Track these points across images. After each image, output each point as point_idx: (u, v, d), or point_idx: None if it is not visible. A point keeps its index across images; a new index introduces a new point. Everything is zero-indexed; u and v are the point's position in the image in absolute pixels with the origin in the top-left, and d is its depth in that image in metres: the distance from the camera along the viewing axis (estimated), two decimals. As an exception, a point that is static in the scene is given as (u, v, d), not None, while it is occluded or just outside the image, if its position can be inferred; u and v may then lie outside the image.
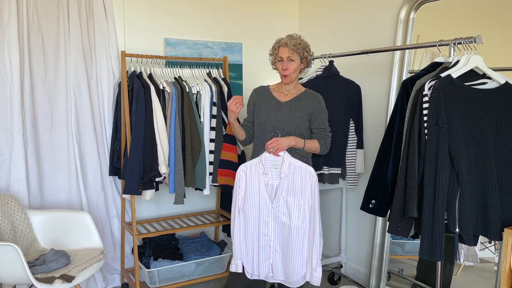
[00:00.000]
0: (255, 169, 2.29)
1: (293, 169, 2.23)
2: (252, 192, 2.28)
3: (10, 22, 2.55)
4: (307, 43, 2.38)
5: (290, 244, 2.23)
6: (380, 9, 2.99)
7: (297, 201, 2.22)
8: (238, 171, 2.33)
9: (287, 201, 2.22)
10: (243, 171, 2.31)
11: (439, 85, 1.80)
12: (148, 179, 2.66)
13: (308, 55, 2.38)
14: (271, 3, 3.63)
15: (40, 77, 2.72)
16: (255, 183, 2.28)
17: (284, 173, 2.22)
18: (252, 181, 2.29)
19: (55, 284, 2.11)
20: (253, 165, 2.31)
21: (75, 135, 2.82)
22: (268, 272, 2.30)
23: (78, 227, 2.55)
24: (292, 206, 2.22)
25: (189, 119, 2.81)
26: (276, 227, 2.26)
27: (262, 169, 2.27)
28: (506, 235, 1.79)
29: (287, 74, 2.34)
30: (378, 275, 2.93)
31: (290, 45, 2.30)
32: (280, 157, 2.26)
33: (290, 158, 2.25)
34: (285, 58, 2.31)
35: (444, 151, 1.77)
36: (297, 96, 2.40)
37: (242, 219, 2.31)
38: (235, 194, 2.34)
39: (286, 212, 2.23)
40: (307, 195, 2.22)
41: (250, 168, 2.31)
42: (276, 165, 2.27)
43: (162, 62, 3.02)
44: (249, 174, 2.30)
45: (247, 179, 2.30)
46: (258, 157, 2.31)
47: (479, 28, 2.37)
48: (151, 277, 2.85)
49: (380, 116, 3.00)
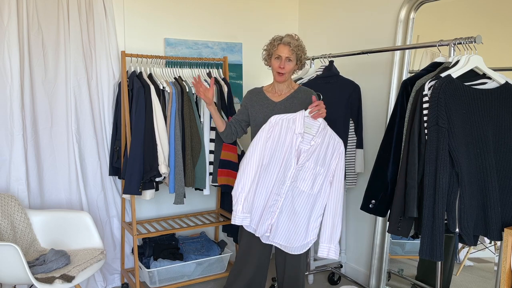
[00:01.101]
0: (289, 124, 2.18)
1: (328, 138, 2.19)
2: (280, 148, 2.18)
3: (10, 22, 2.55)
4: (304, 46, 2.37)
5: (299, 210, 2.19)
6: (380, 9, 2.99)
7: (321, 170, 2.18)
8: (270, 120, 2.20)
9: (311, 168, 2.17)
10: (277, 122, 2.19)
11: (439, 85, 1.80)
12: (148, 179, 2.66)
13: (304, 58, 2.37)
14: (271, 3, 3.63)
15: (40, 77, 2.72)
16: (286, 140, 2.17)
17: (319, 139, 2.16)
18: (281, 137, 2.18)
19: (55, 284, 2.11)
20: (285, 120, 2.19)
21: (75, 135, 2.82)
22: (266, 232, 2.24)
23: (78, 227, 2.55)
24: (315, 174, 2.18)
25: (189, 119, 2.81)
26: (289, 190, 2.19)
27: (298, 128, 2.16)
28: (506, 235, 1.79)
29: (283, 73, 2.32)
30: (378, 275, 2.93)
31: (292, 45, 2.28)
32: (318, 122, 2.18)
33: (325, 124, 2.19)
34: (283, 57, 2.29)
35: (444, 151, 1.77)
36: (290, 94, 2.39)
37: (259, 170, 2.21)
38: (258, 143, 2.22)
39: (306, 178, 2.17)
40: (333, 166, 2.19)
41: (282, 121, 2.19)
42: (310, 128, 2.18)
43: (162, 62, 3.02)
44: (280, 127, 2.19)
45: (274, 132, 2.19)
46: (294, 114, 2.20)
47: (479, 28, 2.37)
48: (151, 277, 2.85)
49: (380, 116, 3.00)
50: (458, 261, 2.50)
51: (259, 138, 2.21)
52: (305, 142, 2.18)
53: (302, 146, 2.17)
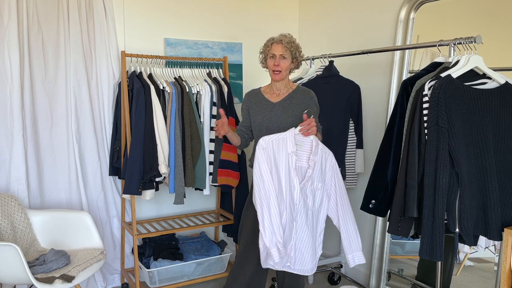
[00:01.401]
0: (279, 145, 2.10)
1: (320, 152, 2.16)
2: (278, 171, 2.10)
3: (10, 22, 2.55)
4: (299, 45, 2.36)
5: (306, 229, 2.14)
6: (380, 9, 2.99)
7: (318, 185, 2.16)
8: (260, 143, 2.09)
9: (311, 185, 2.15)
10: (267, 143, 2.09)
11: (439, 85, 1.80)
12: (148, 179, 2.66)
13: (299, 56, 2.36)
14: (271, 3, 3.63)
15: (40, 77, 2.72)
16: (282, 161, 2.10)
17: (317, 156, 2.13)
18: (276, 159, 2.10)
19: (55, 284, 2.11)
20: (275, 141, 2.10)
21: (75, 135, 2.82)
22: (286, 262, 2.16)
23: (78, 227, 2.55)
24: (313, 190, 2.16)
25: (189, 119, 2.81)
26: (300, 211, 2.12)
27: (290, 147, 2.09)
28: (506, 235, 1.79)
29: (278, 70, 2.31)
30: (378, 275, 2.93)
31: (284, 42, 2.28)
32: (309, 139, 2.14)
33: (317, 140, 2.16)
34: (277, 55, 2.30)
35: (444, 151, 1.77)
36: (289, 95, 2.39)
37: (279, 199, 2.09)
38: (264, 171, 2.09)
39: (309, 195, 2.14)
40: (328, 178, 2.19)
41: (274, 141, 2.11)
42: (301, 146, 2.12)
43: (162, 62, 3.02)
44: (272, 149, 2.10)
45: (269, 154, 2.10)
46: (282, 134, 2.13)
47: (479, 28, 2.37)
48: (151, 277, 2.85)
49: (380, 116, 3.00)
50: (458, 261, 2.50)
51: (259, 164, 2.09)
52: (300, 159, 2.13)
53: (299, 164, 2.13)
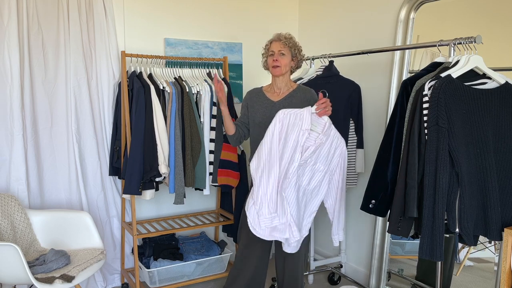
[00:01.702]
0: (296, 120, 2.12)
1: (332, 137, 2.19)
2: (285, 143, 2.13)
3: (10, 22, 2.55)
4: (298, 43, 2.41)
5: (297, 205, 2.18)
6: (380, 9, 2.99)
7: (320, 167, 2.18)
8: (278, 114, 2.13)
9: (311, 164, 2.17)
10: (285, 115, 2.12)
11: (439, 85, 1.80)
12: (148, 179, 2.66)
13: (299, 54, 2.40)
14: (271, 3, 3.63)
15: (40, 77, 2.72)
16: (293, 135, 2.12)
17: (325, 137, 2.15)
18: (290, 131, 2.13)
19: (55, 284, 2.11)
20: (292, 115, 2.13)
21: (75, 135, 2.82)
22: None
23: (78, 227, 2.55)
24: (316, 171, 2.18)
25: (189, 119, 2.81)
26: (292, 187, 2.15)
27: (305, 124, 2.11)
28: (506, 235, 1.79)
29: (277, 65, 2.34)
30: (378, 275, 2.93)
31: (282, 38, 2.35)
32: (323, 120, 2.17)
33: (330, 123, 2.18)
34: (276, 51, 2.34)
35: (444, 151, 1.77)
36: (289, 94, 2.40)
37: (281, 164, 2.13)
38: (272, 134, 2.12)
39: (306, 174, 2.17)
40: (334, 164, 2.21)
41: (290, 116, 2.13)
42: (315, 126, 2.15)
43: (162, 62, 3.02)
44: (288, 122, 2.13)
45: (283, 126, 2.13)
46: (300, 110, 2.14)
47: (479, 28, 2.37)
48: (151, 277, 2.85)
49: (380, 116, 3.00)
50: (458, 261, 2.50)
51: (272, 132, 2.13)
52: (311, 138, 2.16)
53: (307, 142, 2.15)
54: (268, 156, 2.13)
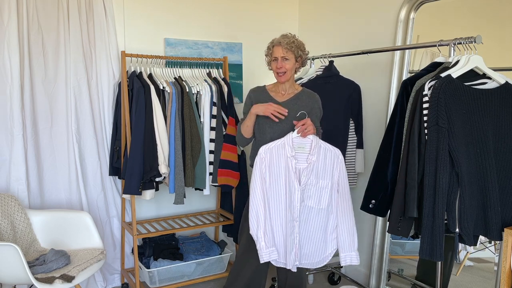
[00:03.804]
0: (281, 150, 2.19)
1: (323, 151, 2.20)
2: (277, 176, 2.19)
3: (10, 22, 2.55)
4: (301, 42, 2.35)
5: (314, 227, 2.21)
6: (380, 9, 2.99)
7: (325, 184, 2.19)
8: (260, 152, 2.20)
9: (315, 184, 2.18)
10: (266, 152, 2.19)
11: (439, 85, 1.80)
12: (148, 179, 2.66)
13: (303, 54, 2.36)
14: (271, 3, 3.63)
15: (40, 77, 2.72)
16: (281, 166, 2.18)
17: (314, 156, 2.17)
18: (276, 164, 2.19)
19: (55, 284, 2.11)
20: (277, 146, 2.19)
21: (75, 135, 2.82)
22: (295, 261, 2.24)
23: (78, 227, 2.55)
24: (320, 189, 2.19)
25: (189, 119, 2.81)
26: (301, 212, 2.19)
27: (289, 151, 2.17)
28: (506, 235, 1.79)
29: (282, 73, 2.32)
30: (378, 275, 2.93)
31: (284, 43, 2.28)
32: (308, 139, 2.19)
33: (317, 139, 2.20)
34: (279, 57, 2.30)
35: (444, 151, 1.77)
36: (295, 95, 2.39)
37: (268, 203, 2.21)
38: (256, 180, 2.21)
39: (313, 195, 2.19)
40: (336, 177, 2.21)
41: (272, 150, 2.19)
42: (303, 147, 2.19)
43: (162, 62, 3.02)
44: (271, 157, 2.19)
45: (267, 162, 2.19)
46: (282, 139, 2.21)
47: (479, 28, 2.37)
48: (151, 277, 2.85)
49: (380, 116, 3.00)
50: (458, 261, 2.50)
51: (255, 174, 2.21)
52: (301, 161, 2.19)
53: (299, 166, 2.19)
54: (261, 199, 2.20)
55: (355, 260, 2.25)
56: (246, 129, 2.39)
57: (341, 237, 2.25)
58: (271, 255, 2.22)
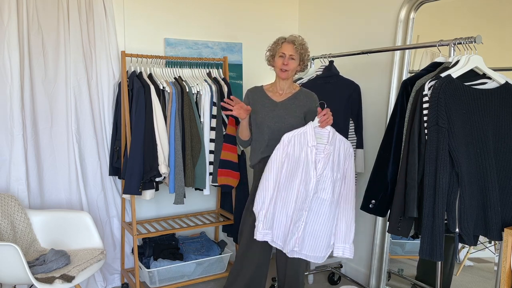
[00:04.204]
0: (300, 140, 2.17)
1: (338, 143, 2.19)
2: (295, 164, 2.17)
3: (10, 22, 2.55)
4: (308, 48, 2.40)
5: (324, 219, 2.19)
6: (380, 9, 2.99)
7: (338, 176, 2.19)
8: (284, 139, 2.18)
9: (330, 176, 2.17)
10: (290, 140, 2.17)
11: (439, 85, 1.80)
12: (148, 179, 2.66)
13: (307, 59, 2.40)
14: (271, 3, 3.63)
15: (40, 77, 2.72)
16: (301, 155, 2.16)
17: (332, 147, 2.17)
18: (296, 153, 2.17)
19: (55, 284, 2.11)
20: (296, 136, 2.18)
21: (75, 135, 2.82)
22: (294, 247, 2.22)
23: (78, 227, 2.55)
24: (334, 181, 2.18)
25: (189, 119, 2.81)
26: (312, 203, 2.17)
27: (310, 141, 2.16)
28: (506, 235, 1.79)
29: (286, 70, 2.33)
30: (378, 275, 2.93)
31: (296, 43, 2.32)
32: (326, 130, 2.18)
33: (334, 131, 2.19)
34: (287, 54, 2.32)
35: (444, 151, 1.77)
36: (292, 95, 2.40)
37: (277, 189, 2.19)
38: (273, 165, 2.20)
39: (327, 187, 2.17)
40: (345, 169, 2.21)
41: (294, 138, 2.18)
42: (320, 138, 2.17)
43: (162, 62, 3.02)
44: (294, 145, 2.18)
45: (289, 150, 2.18)
46: (303, 128, 2.19)
47: (479, 28, 2.37)
48: (151, 277, 2.85)
49: (380, 116, 3.00)
50: (458, 261, 2.50)
51: (274, 158, 2.20)
52: (319, 152, 2.18)
53: (318, 156, 2.17)
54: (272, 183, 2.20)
55: (348, 253, 2.24)
56: (241, 131, 2.45)
57: (338, 229, 2.24)
58: (265, 236, 2.23)
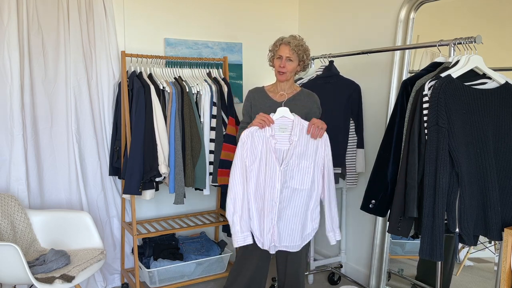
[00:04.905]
0: (260, 132, 2.19)
1: (305, 131, 2.18)
2: (258, 158, 2.19)
3: (10, 22, 2.55)
4: (307, 47, 2.38)
5: (296, 209, 2.20)
6: (380, 9, 2.99)
7: (308, 164, 2.18)
8: (242, 136, 2.20)
9: (298, 165, 2.17)
10: (247, 136, 2.19)
11: (439, 85, 1.80)
12: (148, 179, 2.66)
13: (307, 59, 2.38)
14: (271, 3, 3.63)
15: (40, 77, 2.72)
16: (261, 146, 2.18)
17: (296, 136, 2.16)
18: (256, 145, 2.19)
19: (55, 284, 2.11)
20: (254, 130, 2.19)
21: (75, 135, 2.82)
22: (271, 243, 2.23)
23: (78, 227, 2.55)
24: (303, 170, 2.18)
25: (189, 119, 2.81)
26: (282, 193, 2.18)
27: (268, 131, 2.17)
28: (506, 235, 1.79)
29: (283, 72, 2.34)
30: (378, 275, 2.93)
31: (292, 45, 2.30)
32: (290, 119, 2.19)
33: (300, 120, 2.19)
34: (284, 56, 2.32)
35: (444, 151, 1.77)
36: (293, 96, 2.39)
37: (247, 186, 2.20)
38: (236, 164, 2.21)
39: (295, 176, 2.18)
40: (319, 157, 2.20)
41: (253, 134, 2.19)
42: (284, 129, 2.18)
43: (162, 62, 3.02)
44: (252, 138, 2.19)
45: (248, 145, 2.19)
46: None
47: (479, 28, 2.37)
48: (151, 277, 2.85)
49: (380, 116, 3.00)
50: (458, 261, 2.50)
51: (235, 158, 2.22)
52: (282, 142, 2.18)
53: (279, 146, 2.18)
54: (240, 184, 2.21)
55: (338, 237, 2.31)
56: None
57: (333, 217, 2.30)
58: (246, 239, 2.22)
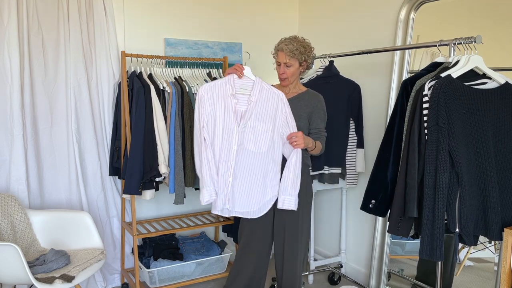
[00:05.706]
0: (220, 89, 2.13)
1: (265, 93, 2.15)
2: (216, 115, 2.14)
3: (10, 22, 2.55)
4: (307, 46, 2.34)
5: (253, 172, 2.16)
6: (380, 9, 2.99)
7: (266, 127, 2.14)
8: (200, 91, 2.14)
9: (255, 127, 2.14)
10: (206, 90, 2.13)
11: (439, 85, 1.80)
12: (148, 179, 2.66)
13: (308, 58, 2.36)
14: (271, 3, 3.63)
15: (40, 77, 2.72)
16: (221, 105, 2.13)
17: (255, 97, 2.13)
18: (216, 103, 2.14)
19: (55, 284, 2.11)
20: (217, 85, 2.14)
21: (75, 135, 2.82)
22: (224, 204, 2.19)
23: (78, 227, 2.55)
24: (261, 132, 2.14)
25: (189, 119, 2.82)
26: (238, 154, 2.15)
27: (230, 90, 2.13)
28: (506, 235, 1.79)
29: (284, 78, 2.34)
30: (378, 275, 2.93)
31: (286, 51, 2.28)
32: (251, 80, 2.16)
33: (261, 82, 2.17)
34: (282, 63, 2.32)
35: (444, 151, 1.77)
36: (298, 95, 2.40)
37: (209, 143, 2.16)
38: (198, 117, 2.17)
39: (253, 138, 2.14)
40: (278, 120, 2.16)
41: (213, 88, 2.13)
42: (245, 90, 2.14)
43: (162, 62, 3.02)
44: (212, 95, 2.13)
45: (209, 101, 2.14)
46: (225, 78, 2.19)
47: (479, 28, 2.37)
48: (151, 277, 2.85)
49: (380, 116, 3.00)
50: (458, 261, 2.50)
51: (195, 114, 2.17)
52: (242, 103, 2.14)
53: (239, 107, 2.14)
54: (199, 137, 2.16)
55: (292, 205, 2.19)
56: None
57: (284, 180, 2.19)
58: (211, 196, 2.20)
